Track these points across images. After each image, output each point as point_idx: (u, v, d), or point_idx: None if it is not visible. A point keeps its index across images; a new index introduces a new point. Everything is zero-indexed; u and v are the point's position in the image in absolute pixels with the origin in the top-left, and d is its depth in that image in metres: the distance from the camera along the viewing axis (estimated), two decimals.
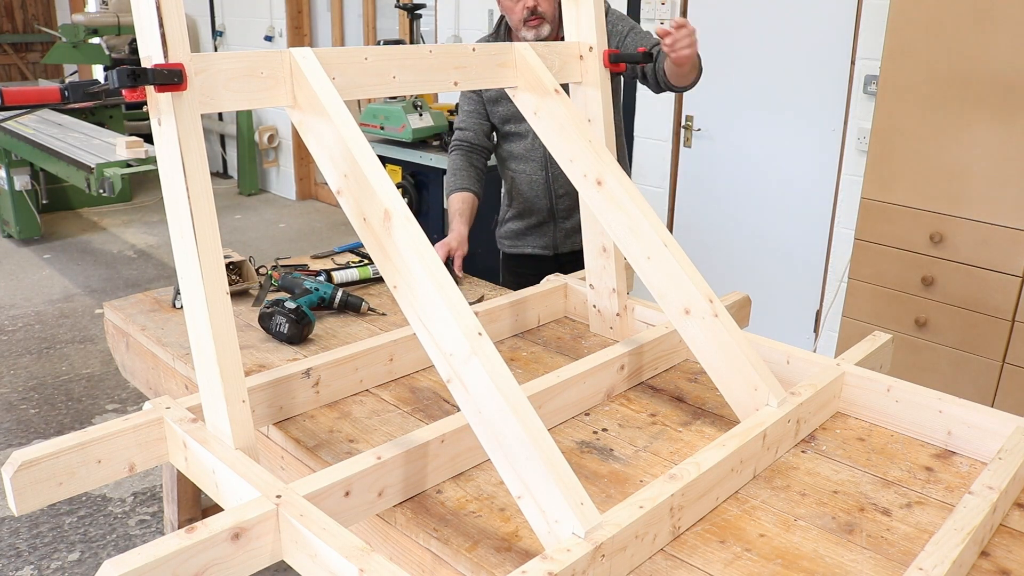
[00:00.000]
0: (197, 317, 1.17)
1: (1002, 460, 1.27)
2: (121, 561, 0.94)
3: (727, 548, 1.16)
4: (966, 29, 2.43)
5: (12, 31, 9.36)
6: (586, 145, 1.52)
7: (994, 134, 2.44)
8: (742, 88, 3.83)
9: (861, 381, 1.51)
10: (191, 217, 1.12)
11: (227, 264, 2.11)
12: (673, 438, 1.46)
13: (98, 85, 1.11)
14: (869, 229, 2.76)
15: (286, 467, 1.45)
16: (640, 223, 1.47)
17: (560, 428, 1.48)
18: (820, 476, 1.34)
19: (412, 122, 4.13)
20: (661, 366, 1.71)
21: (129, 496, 2.85)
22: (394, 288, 1.19)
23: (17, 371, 3.78)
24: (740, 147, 3.91)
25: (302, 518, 1.04)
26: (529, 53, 1.57)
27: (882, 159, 2.68)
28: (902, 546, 1.17)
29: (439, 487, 1.29)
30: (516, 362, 1.76)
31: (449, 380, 1.14)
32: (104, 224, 6.23)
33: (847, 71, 3.44)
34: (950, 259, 2.60)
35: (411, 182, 4.24)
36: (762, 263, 3.93)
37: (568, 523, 1.04)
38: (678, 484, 1.15)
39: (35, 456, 1.15)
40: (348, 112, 1.23)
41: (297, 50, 1.25)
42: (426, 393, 1.60)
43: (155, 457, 1.29)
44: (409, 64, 1.42)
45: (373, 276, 2.20)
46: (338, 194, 1.24)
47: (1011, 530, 1.21)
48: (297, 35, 6.61)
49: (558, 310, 2.00)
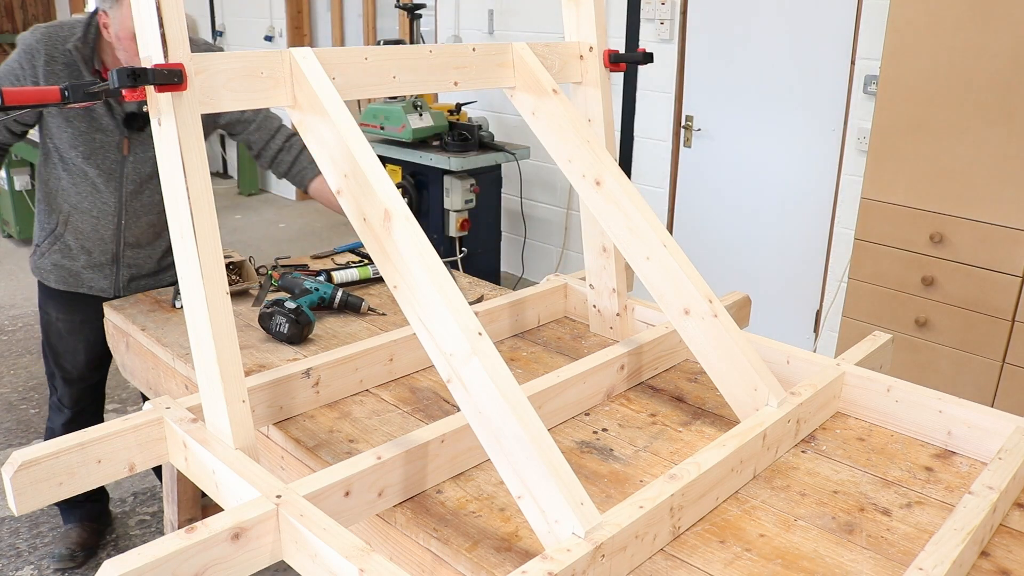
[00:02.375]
0: (197, 317, 1.17)
1: (1002, 460, 1.27)
2: (121, 561, 0.94)
3: (727, 548, 1.16)
4: (966, 29, 2.43)
5: (12, 31, 9.36)
6: (584, 145, 1.52)
7: (994, 134, 2.44)
8: (742, 88, 3.83)
9: (861, 381, 1.51)
10: (191, 217, 1.12)
11: (227, 264, 2.11)
12: (673, 438, 1.46)
13: (98, 85, 1.11)
14: (869, 229, 2.76)
15: (286, 467, 1.45)
16: (639, 223, 1.47)
17: (560, 428, 1.48)
18: (820, 476, 1.34)
19: (412, 122, 4.13)
20: (661, 366, 1.71)
21: (129, 496, 2.85)
22: (394, 288, 1.19)
23: (17, 371, 3.78)
24: (740, 147, 3.91)
25: (302, 518, 1.04)
26: (527, 53, 1.57)
27: (882, 159, 2.68)
28: (902, 546, 1.17)
29: (439, 487, 1.29)
30: (516, 362, 1.76)
31: (449, 380, 1.14)
32: None
33: (847, 71, 3.44)
34: (950, 259, 2.60)
35: (411, 182, 4.24)
36: (762, 263, 3.93)
37: (568, 523, 1.04)
38: (678, 484, 1.15)
39: (35, 456, 1.15)
40: (348, 112, 1.23)
41: (297, 50, 1.25)
42: (426, 393, 1.60)
43: (155, 457, 1.29)
44: (409, 64, 1.42)
45: (373, 276, 2.20)
46: (338, 194, 1.24)
47: (1011, 530, 1.21)
48: (297, 35, 6.60)
49: (558, 310, 2.00)
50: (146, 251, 2.24)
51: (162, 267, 2.31)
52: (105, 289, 2.22)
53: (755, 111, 3.81)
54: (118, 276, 2.24)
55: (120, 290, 2.24)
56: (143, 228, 2.20)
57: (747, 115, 3.85)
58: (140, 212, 2.17)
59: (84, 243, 2.18)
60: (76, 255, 2.20)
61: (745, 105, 3.84)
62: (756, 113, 3.81)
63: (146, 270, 2.27)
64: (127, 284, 2.25)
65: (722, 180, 4.01)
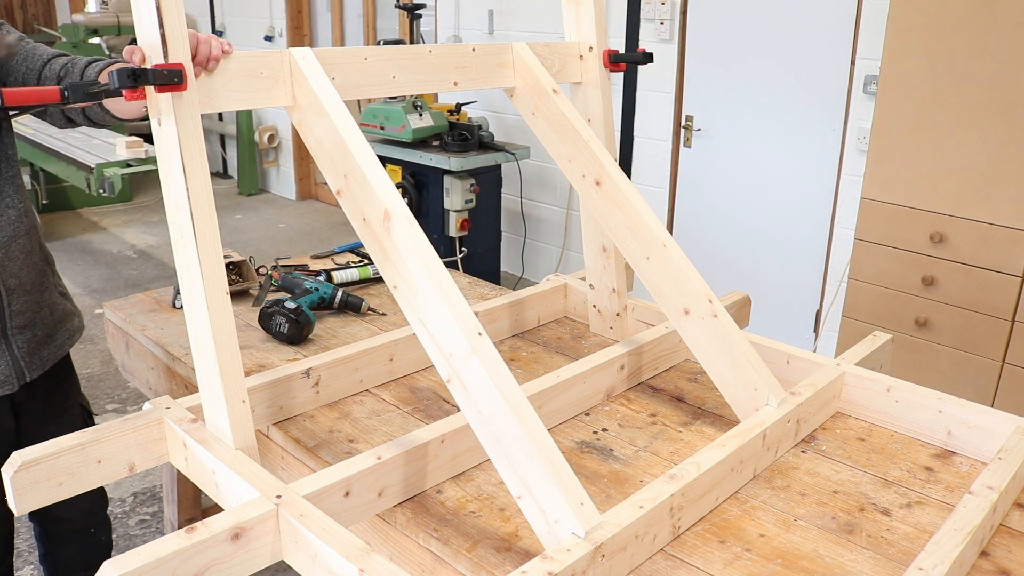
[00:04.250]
0: (197, 317, 1.17)
1: (1002, 460, 1.27)
2: (121, 561, 0.94)
3: (727, 548, 1.16)
4: (966, 29, 2.43)
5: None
6: (584, 145, 1.52)
7: (994, 134, 2.44)
8: (742, 88, 3.83)
9: (861, 381, 1.51)
10: (191, 217, 1.12)
11: (227, 264, 2.11)
12: (673, 438, 1.46)
13: (98, 85, 1.11)
14: (869, 229, 2.76)
15: (286, 467, 1.45)
16: (639, 223, 1.47)
17: (560, 428, 1.48)
18: (820, 476, 1.34)
19: (412, 122, 4.13)
20: (661, 366, 1.71)
21: (129, 496, 2.85)
22: (394, 288, 1.19)
23: None
24: (740, 147, 3.91)
25: (302, 518, 1.04)
26: (527, 53, 1.57)
27: (882, 159, 2.68)
28: (902, 546, 1.17)
29: (439, 487, 1.29)
30: (516, 362, 1.76)
31: (449, 380, 1.14)
32: (104, 224, 6.23)
33: (847, 71, 3.44)
34: (950, 259, 2.60)
35: (411, 182, 4.24)
36: (762, 263, 3.93)
37: (568, 523, 1.04)
38: (678, 484, 1.16)
39: (35, 456, 1.15)
40: (348, 112, 1.23)
41: (297, 50, 1.25)
42: (426, 393, 1.60)
43: (155, 457, 1.29)
44: (409, 64, 1.42)
45: (373, 276, 2.20)
46: (338, 194, 1.24)
47: (1011, 530, 1.21)
48: (297, 35, 6.60)
49: (558, 310, 2.00)
50: (34, 298, 1.62)
51: (54, 323, 1.69)
52: (4, 380, 1.58)
53: (755, 111, 3.81)
54: (12, 350, 1.58)
55: (23, 371, 1.60)
56: (19, 261, 1.57)
57: (747, 115, 3.85)
58: (6, 237, 1.54)
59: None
60: None
61: (745, 105, 3.84)
62: (756, 113, 3.81)
63: (41, 329, 1.65)
64: (29, 359, 1.61)
65: (722, 180, 4.01)
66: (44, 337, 1.66)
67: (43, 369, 1.66)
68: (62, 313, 1.73)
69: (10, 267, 1.56)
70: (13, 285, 1.57)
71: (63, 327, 1.73)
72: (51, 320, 1.69)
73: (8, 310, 1.57)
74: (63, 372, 1.77)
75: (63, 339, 1.72)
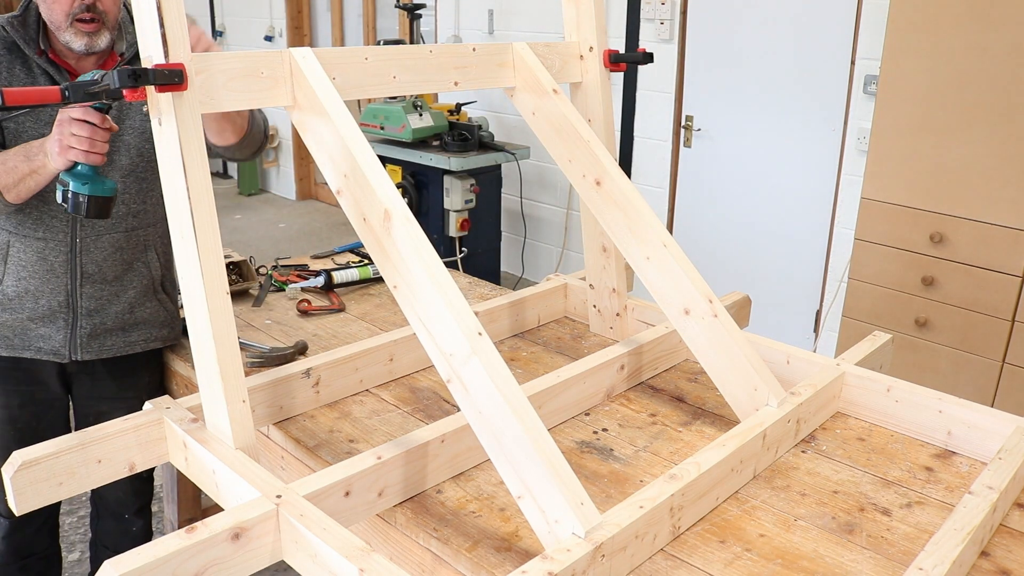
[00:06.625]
0: (197, 317, 1.17)
1: (1002, 460, 1.27)
2: (121, 561, 0.94)
3: (727, 548, 1.16)
4: (966, 29, 2.43)
5: None
6: (584, 145, 1.52)
7: (994, 134, 2.44)
8: (742, 88, 3.83)
9: (861, 381, 1.51)
10: (191, 217, 1.12)
11: (227, 264, 2.11)
12: (673, 438, 1.46)
13: (99, 85, 1.11)
14: (869, 229, 2.76)
15: (286, 467, 1.45)
16: (639, 223, 1.47)
17: (560, 428, 1.48)
18: (820, 476, 1.34)
19: (412, 122, 4.13)
20: (661, 366, 1.71)
21: None
22: (394, 288, 1.19)
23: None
24: (740, 147, 3.91)
25: (302, 518, 1.04)
26: (528, 53, 1.57)
27: (882, 159, 2.68)
28: (902, 546, 1.17)
29: (439, 487, 1.29)
30: (516, 362, 1.76)
31: (449, 380, 1.14)
32: None
33: (847, 71, 3.44)
34: (950, 259, 2.60)
35: (411, 182, 4.24)
36: (762, 263, 3.93)
37: (568, 523, 1.04)
38: (678, 484, 1.15)
39: (35, 456, 1.15)
40: (348, 112, 1.23)
41: (297, 50, 1.25)
42: (426, 393, 1.60)
43: (155, 457, 1.29)
44: (409, 64, 1.42)
45: (373, 276, 2.20)
46: (338, 194, 1.24)
47: (1011, 530, 1.21)
48: (297, 35, 6.60)
49: (558, 310, 2.00)
50: (111, 289, 1.72)
51: (132, 321, 1.76)
52: (58, 349, 1.70)
53: (755, 111, 3.81)
54: (75, 327, 1.70)
55: (77, 349, 1.71)
56: (106, 252, 1.69)
57: (747, 115, 3.85)
58: (100, 228, 1.68)
59: (28, 283, 1.67)
60: (19, 303, 1.68)
61: (745, 105, 3.84)
62: (756, 113, 3.81)
63: (111, 321, 1.73)
64: (87, 341, 1.72)
65: (722, 180, 4.01)
66: (115, 329, 1.74)
67: (100, 356, 1.74)
68: (148, 317, 1.79)
69: (94, 254, 1.68)
70: (91, 271, 1.69)
71: (143, 329, 1.78)
72: (129, 318, 1.75)
73: (79, 291, 1.69)
74: (133, 367, 1.81)
75: (138, 339, 1.78)
